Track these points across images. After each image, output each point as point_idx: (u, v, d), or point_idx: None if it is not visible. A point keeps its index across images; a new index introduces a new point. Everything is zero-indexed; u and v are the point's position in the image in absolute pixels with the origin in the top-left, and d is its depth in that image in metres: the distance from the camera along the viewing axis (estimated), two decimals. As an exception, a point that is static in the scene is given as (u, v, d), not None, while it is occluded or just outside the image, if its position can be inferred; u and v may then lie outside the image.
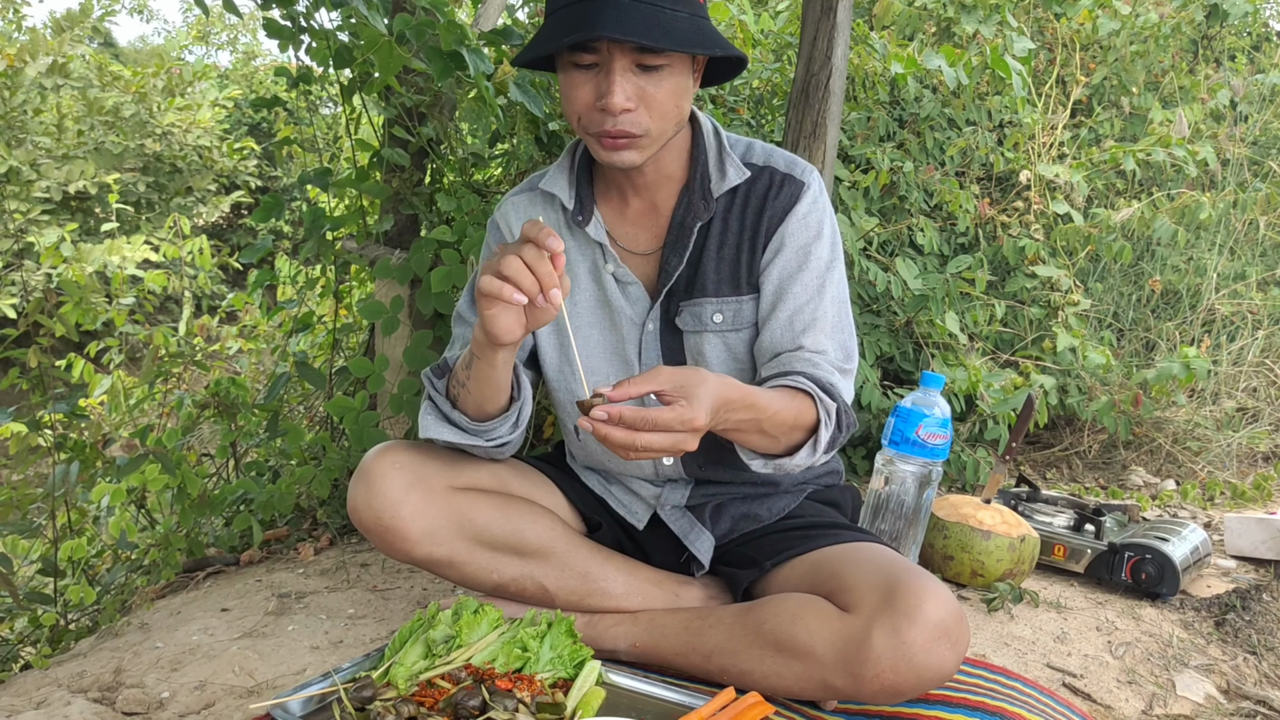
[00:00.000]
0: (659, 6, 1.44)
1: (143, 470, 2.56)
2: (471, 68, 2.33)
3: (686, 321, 1.71)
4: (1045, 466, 3.72)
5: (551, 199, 1.76)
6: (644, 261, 1.73)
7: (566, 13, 1.46)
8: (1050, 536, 2.45)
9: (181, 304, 5.03)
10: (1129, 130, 4.52)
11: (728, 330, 1.71)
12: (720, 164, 1.69)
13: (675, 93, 1.53)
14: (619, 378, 1.70)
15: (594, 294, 1.74)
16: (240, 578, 2.41)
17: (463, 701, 1.36)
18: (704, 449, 1.73)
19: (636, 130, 1.52)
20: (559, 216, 1.75)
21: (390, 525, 1.62)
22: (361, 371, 2.67)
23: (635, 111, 1.50)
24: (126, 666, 1.85)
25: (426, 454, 1.68)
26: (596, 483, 1.85)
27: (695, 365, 1.69)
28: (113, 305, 3.31)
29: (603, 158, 1.57)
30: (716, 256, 1.69)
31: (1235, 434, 3.77)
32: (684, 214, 1.69)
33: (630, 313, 1.72)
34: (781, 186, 1.69)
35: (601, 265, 1.72)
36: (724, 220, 1.69)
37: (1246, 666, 2.01)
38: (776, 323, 1.68)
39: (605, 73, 1.48)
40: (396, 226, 2.85)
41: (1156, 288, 4.06)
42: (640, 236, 1.73)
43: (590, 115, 1.52)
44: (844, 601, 1.48)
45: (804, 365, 1.64)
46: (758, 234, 1.69)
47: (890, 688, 1.40)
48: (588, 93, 1.50)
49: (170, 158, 7.72)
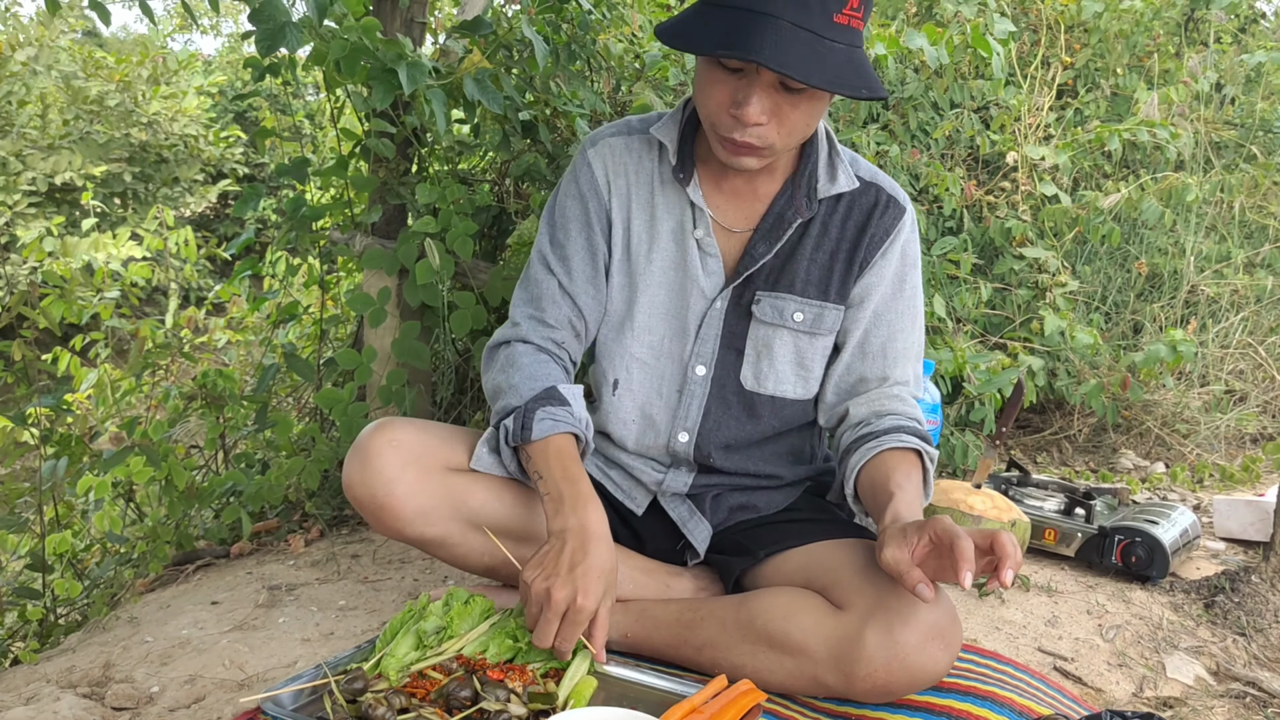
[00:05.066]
0: (819, 36, 1.41)
1: (128, 463, 2.55)
2: (406, 86, 2.28)
3: (765, 312, 1.69)
4: (1035, 450, 3.73)
5: (653, 147, 1.72)
6: (730, 238, 1.70)
7: (727, 15, 1.42)
8: (1041, 521, 2.46)
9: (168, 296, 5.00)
10: (1114, 111, 4.52)
11: (804, 332, 1.70)
12: (831, 167, 1.67)
13: (810, 114, 1.51)
14: (673, 341, 1.72)
15: (672, 255, 1.71)
16: (230, 570, 2.40)
17: (454, 692, 1.35)
18: (724, 438, 1.74)
19: (763, 144, 1.51)
20: (655, 166, 1.71)
21: (384, 504, 1.61)
22: (350, 363, 2.66)
23: (767, 127, 1.49)
24: (116, 661, 1.84)
25: (424, 432, 1.67)
26: (595, 468, 1.83)
27: (756, 354, 1.71)
28: (98, 299, 3.29)
29: (721, 157, 1.56)
30: (810, 258, 1.68)
31: (1223, 416, 3.78)
32: (784, 206, 1.67)
33: (704, 284, 1.69)
34: (887, 208, 1.69)
35: (689, 228, 1.69)
36: (824, 224, 1.68)
37: (1236, 648, 2.01)
38: (870, 348, 1.71)
39: (747, 83, 1.46)
40: (384, 216, 2.83)
41: (1142, 270, 4.06)
42: (733, 213, 1.70)
43: (721, 117, 1.50)
44: (838, 598, 1.48)
45: (895, 404, 1.68)
46: (857, 249, 1.68)
47: (882, 687, 1.41)
48: (724, 94, 1.48)
49: (156, 147, 7.65)
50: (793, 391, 1.74)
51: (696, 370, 1.71)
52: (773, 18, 1.38)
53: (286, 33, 2.19)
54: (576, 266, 1.72)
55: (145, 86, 7.68)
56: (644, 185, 1.71)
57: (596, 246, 1.72)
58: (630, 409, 1.76)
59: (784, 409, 1.75)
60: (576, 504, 1.48)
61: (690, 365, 1.71)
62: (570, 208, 1.73)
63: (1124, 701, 1.79)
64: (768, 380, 1.72)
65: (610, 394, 1.76)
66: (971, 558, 1.27)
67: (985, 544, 1.31)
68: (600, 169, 1.72)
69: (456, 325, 2.63)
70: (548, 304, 1.71)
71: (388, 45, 2.31)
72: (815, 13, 1.40)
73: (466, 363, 2.97)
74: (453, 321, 2.63)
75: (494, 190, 3.12)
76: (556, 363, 1.68)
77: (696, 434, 1.73)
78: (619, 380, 1.74)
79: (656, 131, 1.68)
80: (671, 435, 1.74)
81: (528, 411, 1.57)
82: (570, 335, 1.73)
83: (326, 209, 2.88)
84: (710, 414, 1.73)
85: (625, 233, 1.72)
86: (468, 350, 2.85)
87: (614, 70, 3.14)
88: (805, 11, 1.39)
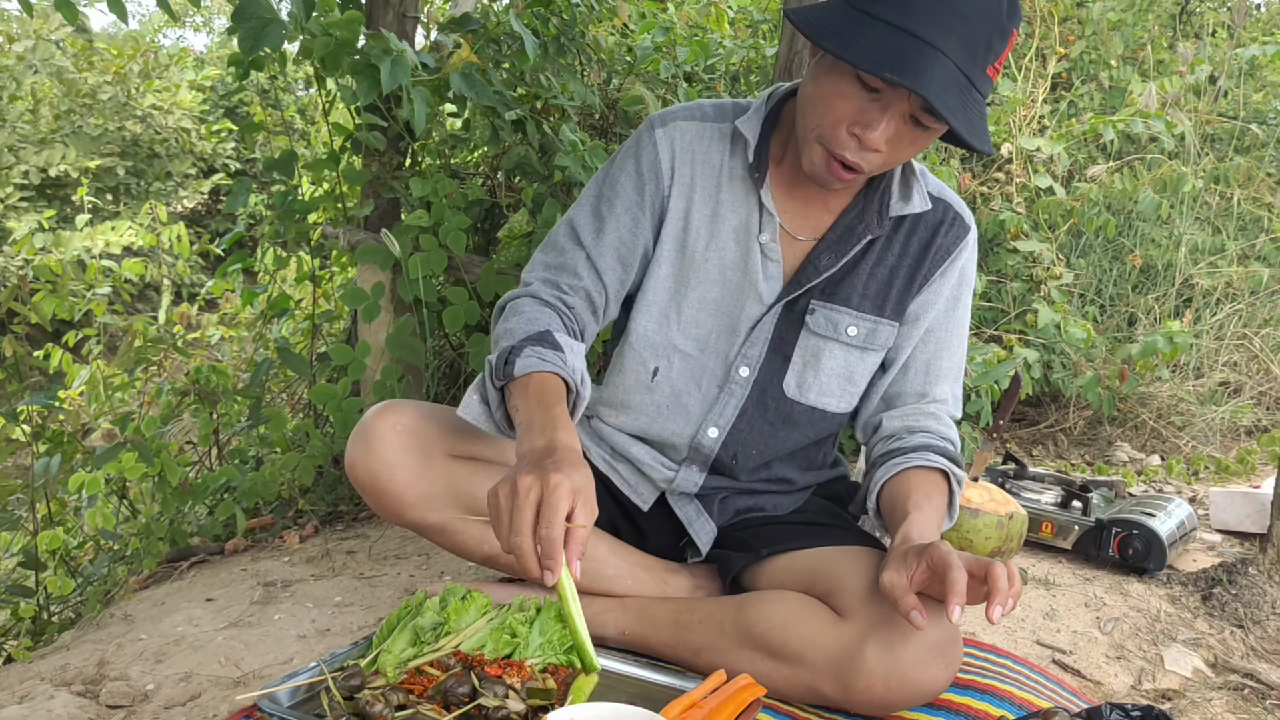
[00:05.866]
0: (971, 83, 1.35)
1: (121, 459, 2.53)
2: (385, 85, 2.26)
3: (819, 323, 1.64)
4: (1031, 444, 3.73)
5: (725, 138, 1.63)
6: (793, 245, 1.64)
7: (888, 33, 1.32)
8: (1038, 513, 2.45)
9: (160, 292, 4.98)
10: (1108, 103, 4.52)
11: (856, 346, 1.66)
12: (906, 185, 1.62)
13: (919, 148, 1.47)
14: (720, 338, 1.66)
15: (733, 254, 1.63)
16: (225, 567, 2.39)
17: (452, 689, 1.34)
18: (754, 441, 1.71)
19: (868, 168, 1.45)
20: (724, 159, 1.63)
21: (386, 489, 1.59)
22: (343, 358, 2.64)
23: (880, 153, 1.43)
24: (110, 659, 1.83)
25: (428, 417, 1.63)
26: (602, 460, 1.79)
27: (803, 363, 1.66)
28: (89, 295, 3.27)
29: (816, 167, 1.48)
30: (870, 273, 1.64)
31: (1218, 409, 3.78)
32: (855, 220, 1.61)
33: (762, 289, 1.63)
34: (953, 225, 1.65)
35: (754, 230, 1.62)
36: (889, 239, 1.64)
37: (1233, 640, 2.01)
38: (914, 364, 1.68)
39: (881, 107, 1.38)
40: (377, 210, 2.82)
41: (1137, 262, 4.06)
42: (801, 221, 1.63)
43: (837, 131, 1.42)
44: (839, 605, 1.47)
45: (930, 421, 1.66)
46: (919, 266, 1.64)
47: (879, 700, 1.40)
48: (850, 110, 1.40)
49: (149, 141, 7.63)
50: (834, 405, 1.70)
51: (740, 371, 1.66)
52: (940, 53, 1.31)
53: (269, 31, 2.17)
54: (610, 244, 1.63)
55: (138, 81, 7.65)
56: (710, 177, 1.63)
57: (641, 229, 1.64)
58: (666, 394, 1.70)
59: (821, 420, 1.72)
60: (546, 426, 1.34)
61: (735, 365, 1.66)
62: (624, 184, 1.64)
63: (1123, 694, 1.79)
64: (810, 391, 1.68)
65: (649, 379, 1.69)
66: (962, 591, 1.26)
67: (981, 573, 1.29)
68: (666, 152, 1.63)
69: (450, 320, 2.62)
70: (567, 275, 1.62)
71: (374, 40, 2.30)
72: (978, 60, 1.35)
73: (461, 357, 2.96)
74: (446, 316, 2.62)
75: (486, 185, 3.11)
76: (559, 317, 1.57)
77: (727, 432, 1.69)
78: (659, 368, 1.68)
79: (741, 125, 1.59)
80: (701, 428, 1.69)
81: (514, 350, 1.45)
82: (585, 307, 1.62)
83: (318, 203, 2.87)
84: (745, 414, 1.69)
85: (683, 222, 1.64)
86: (462, 345, 2.84)
87: (605, 63, 3.13)
88: (969, 55, 1.33)
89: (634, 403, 1.72)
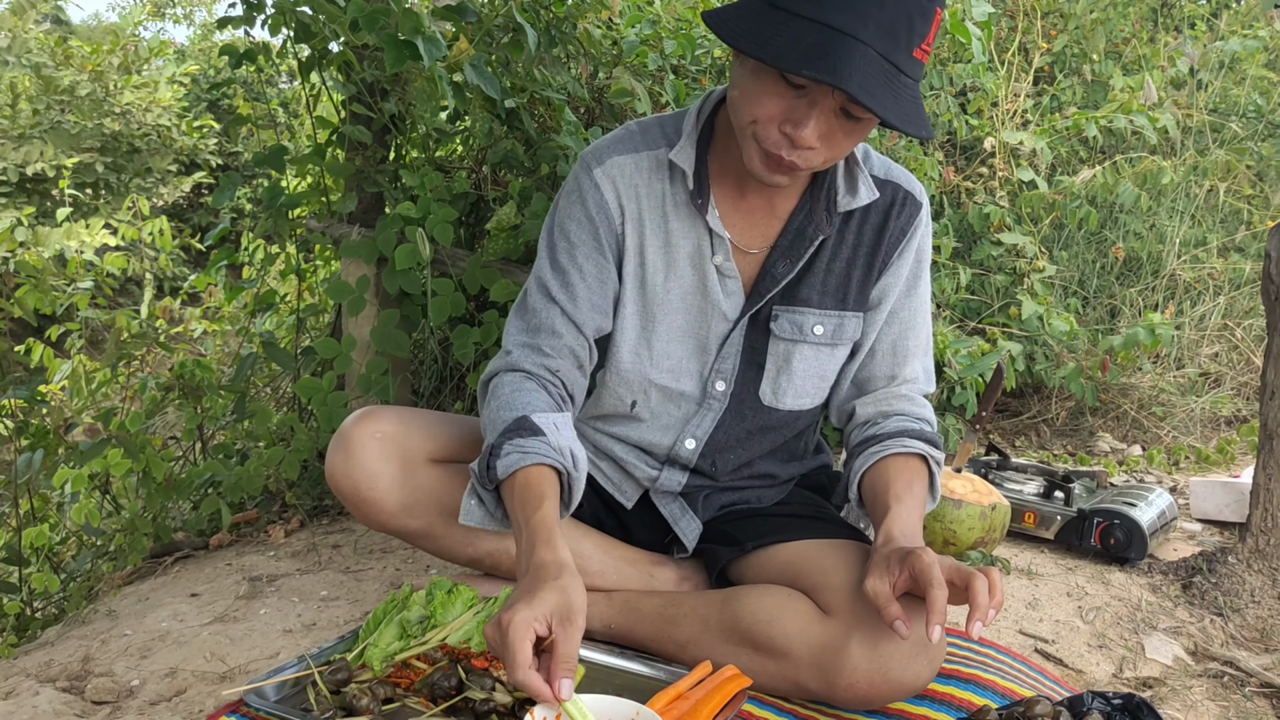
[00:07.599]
0: (898, 69, 1.32)
1: (105, 455, 2.52)
2: (426, 58, 2.26)
3: (784, 328, 1.63)
4: (1014, 434, 3.75)
5: (663, 167, 1.59)
6: (747, 259, 1.62)
7: (807, 29, 1.29)
8: (1020, 504, 2.47)
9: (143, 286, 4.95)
10: (1091, 97, 4.54)
11: (825, 344, 1.65)
12: (851, 178, 1.59)
13: (858, 140, 1.43)
14: (692, 360, 1.64)
15: (691, 281, 1.61)
16: (210, 562, 2.38)
17: (439, 682, 1.35)
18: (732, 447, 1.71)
19: (805, 166, 1.42)
20: (666, 187, 1.59)
21: (367, 497, 1.59)
22: (329, 352, 2.64)
23: (816, 150, 1.40)
24: (95, 655, 1.83)
25: (408, 422, 1.64)
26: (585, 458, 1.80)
27: (776, 369, 1.65)
28: (71, 290, 3.26)
29: (756, 170, 1.45)
30: (826, 269, 1.62)
31: (1199, 399, 3.81)
32: (804, 222, 1.59)
33: (725, 307, 1.62)
34: (904, 205, 1.63)
35: (707, 254, 1.60)
36: (840, 234, 1.61)
37: (1213, 628, 2.03)
38: (880, 347, 1.68)
39: (809, 104, 1.35)
40: (362, 205, 2.81)
41: (1119, 255, 4.08)
42: (750, 233, 1.61)
43: (769, 130, 1.39)
44: (824, 601, 1.47)
45: (903, 404, 1.65)
46: (875, 253, 1.63)
47: (863, 697, 1.41)
48: (778, 109, 1.37)
49: (129, 137, 7.57)
50: (810, 404, 1.70)
51: (716, 385, 1.66)
52: (860, 43, 1.28)
53: None
54: (583, 294, 1.59)
55: (117, 76, 7.59)
56: (656, 208, 1.60)
57: (606, 274, 1.60)
58: (645, 418, 1.70)
59: (798, 419, 1.72)
60: (525, 543, 1.31)
61: (710, 381, 1.66)
62: (576, 232, 1.60)
63: (1104, 682, 1.80)
64: (786, 395, 1.67)
65: (628, 410, 1.69)
66: (943, 609, 1.26)
67: (962, 583, 1.30)
68: (610, 191, 1.59)
69: (436, 313, 2.62)
70: (546, 335, 1.57)
71: (405, 16, 2.28)
72: (901, 44, 1.31)
73: (447, 351, 2.96)
74: (432, 307, 2.61)
75: (471, 178, 3.11)
76: (543, 389, 1.52)
77: (704, 443, 1.69)
78: (636, 401, 1.67)
79: (675, 157, 1.56)
80: (679, 440, 1.69)
81: (494, 450, 1.40)
82: (570, 366, 1.58)
83: (303, 197, 2.86)
84: (723, 425, 1.68)
85: (638, 258, 1.61)
86: (447, 339, 2.84)
87: (592, 56, 3.13)
88: (892, 41, 1.30)
89: (614, 423, 1.73)
